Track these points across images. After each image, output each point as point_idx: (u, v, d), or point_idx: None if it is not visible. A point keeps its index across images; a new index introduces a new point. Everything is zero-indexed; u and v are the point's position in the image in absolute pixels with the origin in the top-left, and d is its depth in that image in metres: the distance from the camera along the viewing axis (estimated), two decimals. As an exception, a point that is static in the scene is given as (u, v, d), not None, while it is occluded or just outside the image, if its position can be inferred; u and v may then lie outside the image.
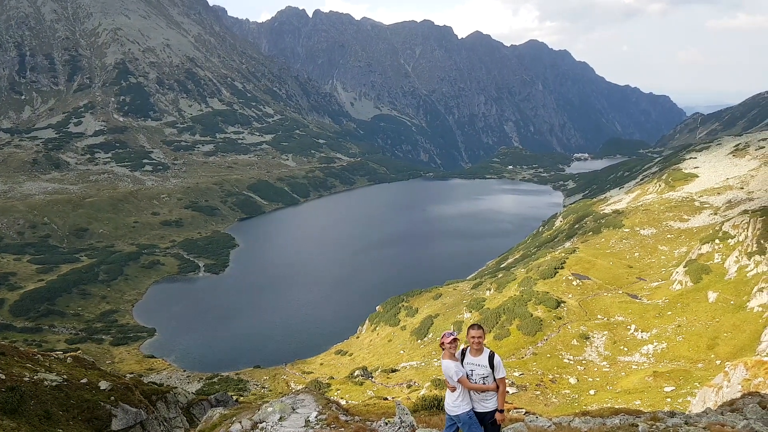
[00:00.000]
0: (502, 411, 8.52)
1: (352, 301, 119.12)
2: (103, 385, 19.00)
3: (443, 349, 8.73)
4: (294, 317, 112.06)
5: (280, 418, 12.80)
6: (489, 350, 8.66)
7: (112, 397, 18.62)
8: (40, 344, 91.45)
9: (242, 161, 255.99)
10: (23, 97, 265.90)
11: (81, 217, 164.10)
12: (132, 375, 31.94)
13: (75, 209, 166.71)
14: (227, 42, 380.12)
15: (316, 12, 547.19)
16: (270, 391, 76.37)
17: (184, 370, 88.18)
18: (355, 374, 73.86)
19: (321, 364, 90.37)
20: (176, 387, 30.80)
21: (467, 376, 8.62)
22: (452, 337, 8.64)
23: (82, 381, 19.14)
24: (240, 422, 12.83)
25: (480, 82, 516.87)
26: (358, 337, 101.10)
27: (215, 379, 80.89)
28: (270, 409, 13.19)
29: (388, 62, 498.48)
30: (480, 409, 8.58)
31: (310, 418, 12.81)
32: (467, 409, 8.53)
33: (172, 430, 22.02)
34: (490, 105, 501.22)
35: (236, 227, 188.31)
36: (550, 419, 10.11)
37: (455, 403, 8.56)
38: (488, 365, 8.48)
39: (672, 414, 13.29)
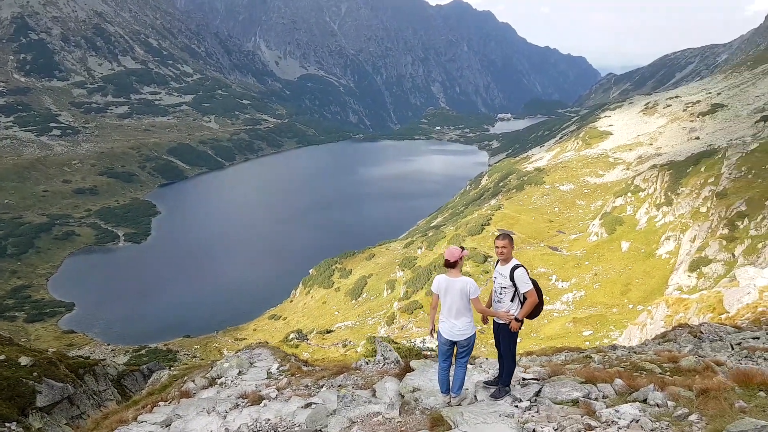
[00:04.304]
0: (519, 320, 8.11)
1: (285, 266, 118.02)
2: (24, 360, 17.79)
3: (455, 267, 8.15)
4: (224, 285, 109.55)
5: (239, 372, 12.48)
6: (516, 262, 8.12)
7: (35, 373, 17.51)
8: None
9: (160, 123, 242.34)
10: None
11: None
12: (54, 351, 30.16)
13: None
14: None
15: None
16: (202, 359, 74.98)
17: (108, 344, 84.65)
18: (290, 337, 74.06)
19: (254, 329, 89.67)
20: (104, 359, 29.49)
21: (493, 280, 8.37)
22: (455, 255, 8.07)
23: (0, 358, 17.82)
24: (193, 381, 12.39)
25: (407, 42, 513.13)
26: (291, 301, 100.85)
27: (143, 351, 78.27)
28: (227, 365, 12.84)
29: (313, 20, 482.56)
30: (498, 320, 8.31)
31: (271, 370, 12.56)
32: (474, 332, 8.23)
33: (103, 403, 21.13)
34: (418, 65, 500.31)
35: (157, 193, 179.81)
36: (495, 360, 10.40)
37: (469, 325, 8.08)
38: (509, 277, 8.01)
39: (614, 347, 14.27)
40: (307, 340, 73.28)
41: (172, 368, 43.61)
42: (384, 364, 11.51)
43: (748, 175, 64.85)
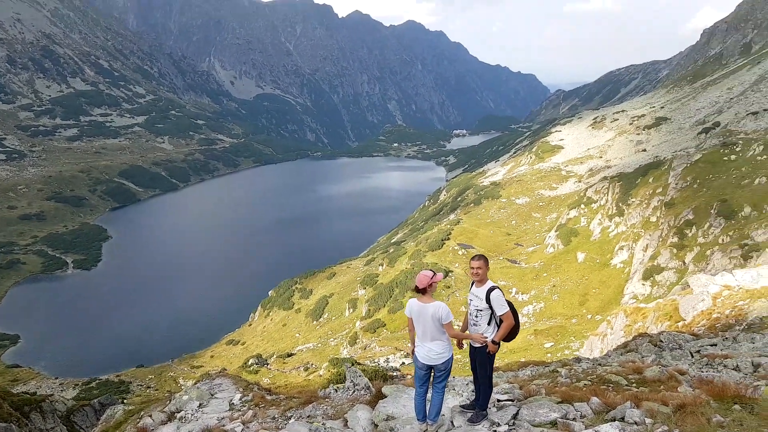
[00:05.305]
0: (496, 343, 7.84)
1: (243, 289, 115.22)
2: (-44, 402, 16.31)
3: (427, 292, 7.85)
4: (179, 311, 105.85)
5: (200, 405, 11.65)
6: (491, 284, 7.91)
7: (-30, 415, 16.08)
8: None
9: (112, 145, 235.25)
10: None
11: None
12: (-9, 388, 28.10)
13: None
14: (89, 17, 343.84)
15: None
16: (156, 390, 71.92)
17: (56, 378, 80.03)
18: (250, 363, 71.80)
19: (212, 356, 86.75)
20: (52, 394, 27.62)
21: (468, 303, 8.13)
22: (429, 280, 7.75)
23: (-74, 401, 16.28)
24: (150, 416, 11.50)
25: (362, 61, 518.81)
26: (250, 325, 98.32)
27: (93, 384, 74.27)
28: (186, 397, 11.97)
29: (268, 40, 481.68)
30: (474, 343, 8.04)
31: (234, 401, 11.79)
32: (451, 355, 7.94)
33: (48, 443, 19.69)
34: (374, 84, 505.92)
35: (108, 218, 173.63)
36: (463, 377, 9.99)
37: (446, 347, 7.80)
38: (485, 299, 7.80)
39: (578, 360, 14.13)
40: (267, 365, 71.25)
41: (125, 402, 41.37)
42: (354, 391, 11.00)
43: (694, 184, 67.56)
